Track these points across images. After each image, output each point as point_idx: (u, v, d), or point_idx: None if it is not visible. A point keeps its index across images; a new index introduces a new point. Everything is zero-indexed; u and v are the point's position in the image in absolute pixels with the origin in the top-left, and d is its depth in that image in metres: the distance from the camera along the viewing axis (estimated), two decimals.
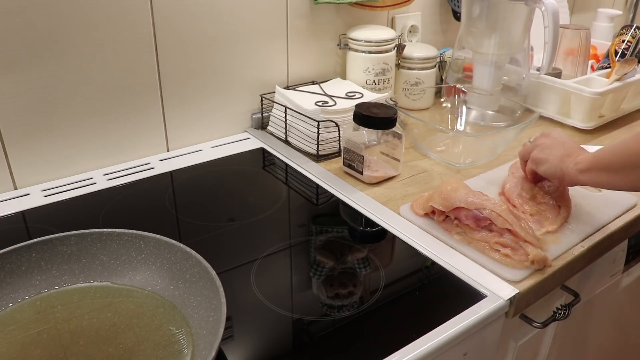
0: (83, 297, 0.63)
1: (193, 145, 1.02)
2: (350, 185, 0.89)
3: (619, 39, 1.24)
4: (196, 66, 0.97)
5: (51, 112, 0.85)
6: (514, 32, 1.08)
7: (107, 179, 0.90)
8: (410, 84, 1.16)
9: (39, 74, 0.82)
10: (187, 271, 0.63)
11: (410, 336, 0.59)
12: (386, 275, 0.70)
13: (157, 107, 0.95)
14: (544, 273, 0.70)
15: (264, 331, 0.61)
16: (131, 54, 0.89)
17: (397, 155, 0.91)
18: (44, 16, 0.79)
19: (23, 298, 0.62)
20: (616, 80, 1.11)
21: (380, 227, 0.79)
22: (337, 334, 0.61)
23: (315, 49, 1.11)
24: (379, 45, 1.07)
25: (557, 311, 0.78)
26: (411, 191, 0.88)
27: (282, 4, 1.02)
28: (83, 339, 0.58)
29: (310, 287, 0.69)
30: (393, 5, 1.16)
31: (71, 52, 0.83)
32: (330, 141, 0.96)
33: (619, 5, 1.77)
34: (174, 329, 0.59)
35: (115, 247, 0.66)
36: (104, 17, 0.84)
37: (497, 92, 1.11)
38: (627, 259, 0.96)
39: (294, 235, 0.78)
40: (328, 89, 1.06)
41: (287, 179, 0.93)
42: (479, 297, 0.66)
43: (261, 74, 1.05)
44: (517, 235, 0.70)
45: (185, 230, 0.78)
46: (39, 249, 0.64)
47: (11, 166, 0.85)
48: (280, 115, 1.03)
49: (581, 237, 0.77)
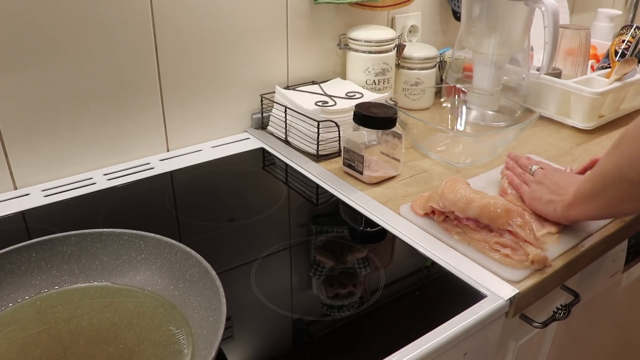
0: (83, 297, 0.63)
1: (193, 145, 1.02)
2: (350, 185, 0.89)
3: (619, 39, 1.24)
4: (196, 66, 0.97)
5: (51, 112, 0.85)
6: (514, 32, 1.08)
7: (107, 179, 0.90)
8: (410, 84, 1.16)
9: (39, 74, 0.82)
10: (187, 271, 0.63)
11: (410, 336, 0.59)
12: (386, 275, 0.70)
13: (157, 107, 0.95)
14: (544, 273, 0.70)
15: (264, 331, 0.61)
16: (131, 54, 0.89)
17: (397, 155, 0.91)
18: (44, 16, 0.79)
19: (23, 298, 0.62)
20: (616, 80, 1.11)
21: (380, 227, 0.79)
22: (337, 334, 0.61)
23: (315, 49, 1.11)
24: (379, 45, 1.07)
25: (557, 311, 0.78)
26: (411, 191, 0.88)
27: (282, 4, 1.02)
28: (83, 339, 0.58)
29: (310, 287, 0.69)
30: (393, 5, 1.16)
31: (71, 52, 0.83)
32: (330, 141, 0.96)
33: (619, 5, 1.77)
34: (174, 329, 0.59)
35: (115, 247, 0.66)
36: (104, 17, 0.84)
37: (497, 92, 1.11)
38: (627, 259, 0.96)
39: (294, 235, 0.78)
40: (328, 89, 1.06)
41: (287, 179, 0.93)
42: (479, 297, 0.66)
43: (261, 74, 1.05)
44: (517, 236, 0.70)
45: (185, 230, 0.78)
46: (39, 249, 0.64)
47: (11, 166, 0.85)
48: (280, 115, 1.03)
49: (581, 237, 0.77)
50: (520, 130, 0.93)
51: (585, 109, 1.08)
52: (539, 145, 1.04)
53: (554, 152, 1.01)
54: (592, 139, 1.08)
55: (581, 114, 1.09)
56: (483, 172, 0.93)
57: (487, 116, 1.08)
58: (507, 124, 1.03)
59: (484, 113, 1.08)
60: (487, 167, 0.95)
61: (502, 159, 0.96)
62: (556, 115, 1.13)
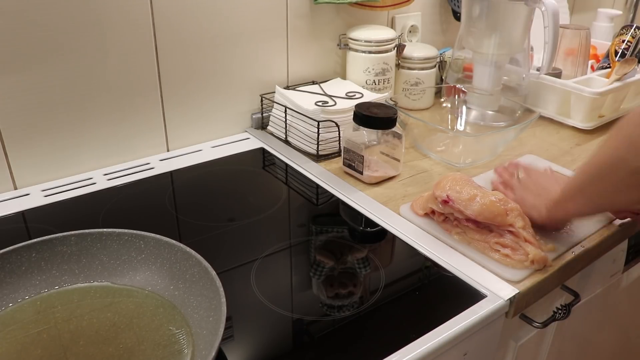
0: (83, 297, 0.63)
1: (193, 145, 1.02)
2: (350, 185, 0.89)
3: (619, 39, 1.24)
4: (196, 66, 0.97)
5: (51, 112, 0.85)
6: (514, 32, 1.08)
7: (107, 179, 0.90)
8: (410, 84, 1.16)
9: (39, 74, 0.82)
10: (187, 271, 0.63)
11: (410, 336, 0.59)
12: (386, 275, 0.70)
13: (157, 107, 0.95)
14: (544, 273, 0.70)
15: (264, 331, 0.61)
16: (131, 54, 0.89)
17: (397, 155, 0.91)
18: (44, 16, 0.79)
19: (23, 298, 0.62)
20: (616, 80, 1.11)
21: (380, 227, 0.79)
22: (337, 334, 0.61)
23: (315, 49, 1.11)
24: (379, 45, 1.07)
25: (557, 311, 0.78)
26: (411, 191, 0.88)
27: (282, 4, 1.02)
28: (83, 339, 0.58)
29: (310, 287, 0.69)
30: (393, 5, 1.16)
31: (71, 52, 0.83)
32: (330, 141, 0.96)
33: (619, 5, 1.77)
34: (174, 329, 0.59)
35: (115, 247, 0.66)
36: (104, 17, 0.84)
37: (497, 92, 1.11)
38: (627, 259, 0.96)
39: (294, 235, 0.78)
40: (328, 89, 1.06)
41: (287, 179, 0.93)
42: (479, 297, 0.66)
43: (261, 74, 1.05)
44: (517, 235, 0.70)
45: (185, 230, 0.78)
46: (39, 249, 0.64)
47: (11, 166, 0.85)
48: (280, 115, 1.03)
49: (581, 237, 0.77)
50: (520, 130, 0.93)
51: (585, 109, 1.08)
52: (539, 145, 1.04)
53: (554, 152, 1.01)
54: (592, 139, 1.08)
55: (581, 114, 1.09)
56: (483, 172, 0.93)
57: (487, 116, 1.08)
58: (507, 124, 1.03)
59: (484, 113, 1.08)
60: (487, 167, 0.94)
61: (502, 159, 0.96)
62: (556, 115, 1.13)
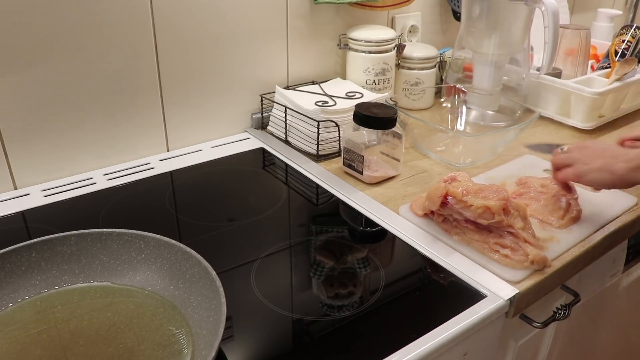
0: (83, 297, 0.63)
1: (193, 145, 1.02)
2: (350, 185, 0.89)
3: (619, 39, 1.24)
4: (196, 66, 0.97)
5: (51, 112, 0.85)
6: (514, 32, 1.08)
7: (107, 179, 0.90)
8: (410, 84, 1.16)
9: (39, 74, 0.82)
10: (187, 271, 0.63)
11: (410, 336, 0.59)
12: (386, 275, 0.70)
13: (157, 107, 0.95)
14: (544, 273, 0.70)
15: (264, 331, 0.61)
16: (131, 54, 0.89)
17: (397, 155, 0.91)
18: (44, 16, 0.79)
19: (23, 298, 0.62)
20: (616, 80, 1.11)
21: (380, 227, 0.79)
22: (337, 334, 0.61)
23: (315, 49, 1.11)
24: (379, 45, 1.07)
25: (557, 311, 0.78)
26: (411, 191, 0.88)
27: (282, 4, 1.02)
28: (83, 339, 0.58)
29: (310, 287, 0.69)
30: (393, 5, 1.16)
31: (71, 52, 0.83)
32: (330, 141, 0.96)
33: (619, 5, 1.77)
34: (174, 329, 0.59)
35: (115, 247, 0.66)
36: (104, 17, 0.84)
37: (497, 92, 1.11)
38: (627, 259, 0.96)
39: (294, 235, 0.78)
40: (328, 89, 1.06)
41: (287, 179, 0.93)
42: (479, 297, 0.66)
43: (261, 74, 1.05)
44: (516, 236, 0.70)
45: (185, 230, 0.78)
46: (39, 249, 0.64)
47: (11, 166, 0.85)
48: (280, 115, 1.03)
49: (581, 237, 0.77)
50: (520, 130, 0.93)
51: (585, 109, 1.08)
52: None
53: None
54: (592, 139, 1.08)
55: (581, 114, 1.09)
56: (483, 172, 0.93)
57: (487, 116, 1.08)
58: (507, 124, 1.03)
59: (484, 113, 1.08)
60: (487, 167, 0.94)
61: (502, 159, 0.96)
62: (556, 115, 1.13)
